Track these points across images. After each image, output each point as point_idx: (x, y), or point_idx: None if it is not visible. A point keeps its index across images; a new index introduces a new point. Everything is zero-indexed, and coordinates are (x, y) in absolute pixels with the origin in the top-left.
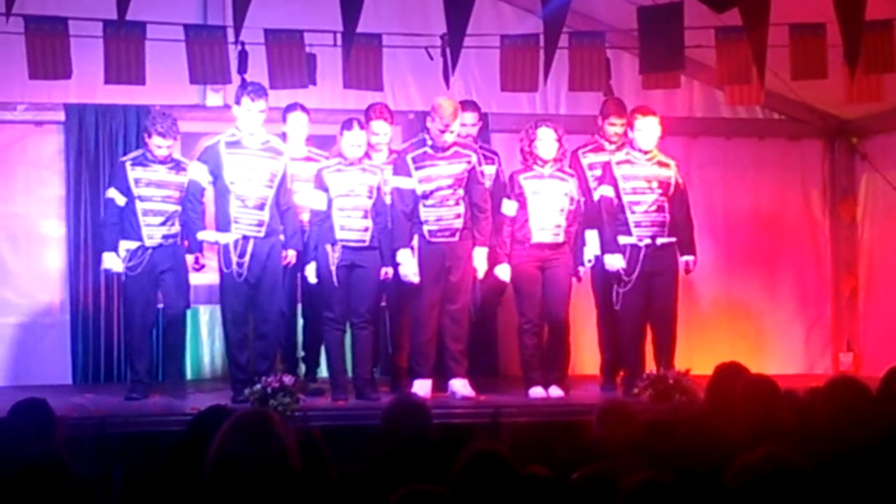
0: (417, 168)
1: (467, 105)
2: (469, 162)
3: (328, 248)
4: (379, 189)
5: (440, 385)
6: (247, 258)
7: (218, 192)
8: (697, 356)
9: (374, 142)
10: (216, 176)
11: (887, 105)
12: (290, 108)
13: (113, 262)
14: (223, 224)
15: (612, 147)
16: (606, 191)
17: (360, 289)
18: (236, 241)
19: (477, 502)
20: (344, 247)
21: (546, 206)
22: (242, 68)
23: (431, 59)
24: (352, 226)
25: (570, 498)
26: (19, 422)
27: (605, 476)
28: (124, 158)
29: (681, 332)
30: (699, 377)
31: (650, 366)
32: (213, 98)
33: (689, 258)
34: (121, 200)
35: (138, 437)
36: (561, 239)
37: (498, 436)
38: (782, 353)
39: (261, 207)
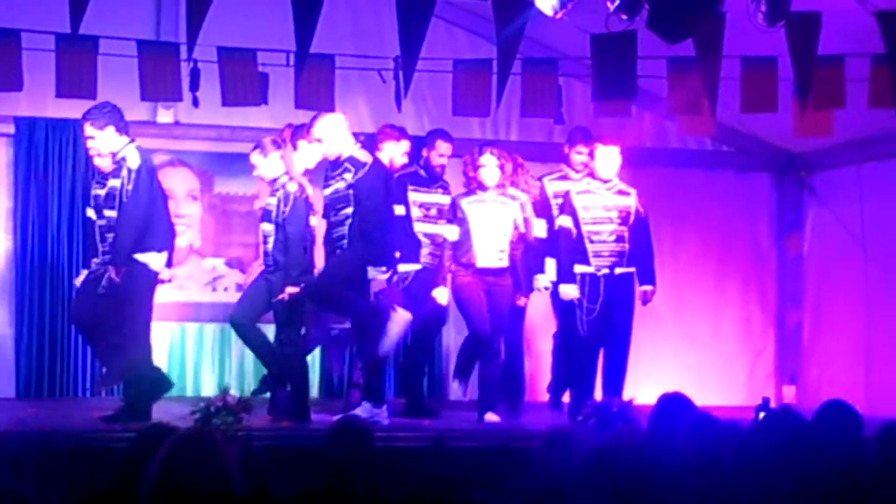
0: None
1: (444, 135)
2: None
3: None
4: None
5: None
6: None
7: None
8: (642, 384)
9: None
10: None
11: (836, 140)
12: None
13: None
14: None
15: (578, 176)
16: (565, 221)
17: None
18: None
19: None
20: None
21: (489, 231)
22: (194, 86)
23: (384, 81)
24: None
25: None
26: None
27: (552, 502)
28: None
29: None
30: (643, 406)
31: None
32: (164, 115)
33: (648, 288)
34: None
35: (82, 452)
36: (505, 264)
37: (441, 460)
38: (726, 383)
39: None
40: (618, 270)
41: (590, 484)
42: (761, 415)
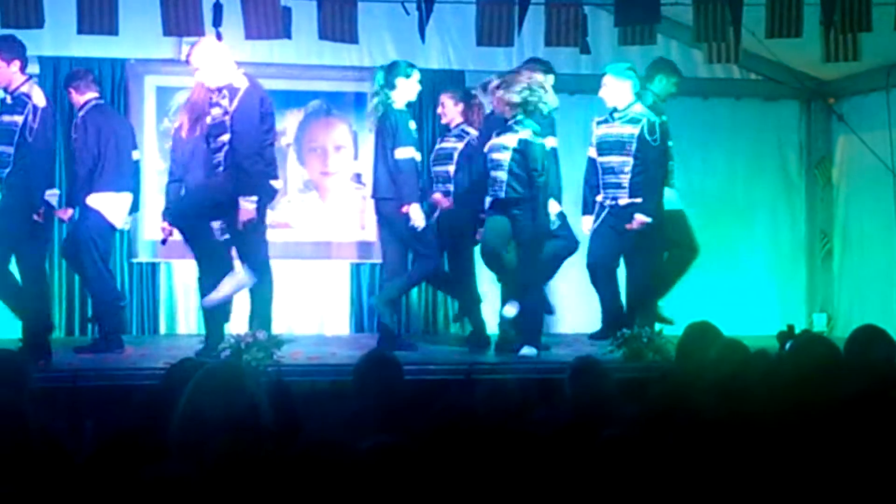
0: None
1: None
2: None
3: None
4: None
5: None
6: None
7: None
8: (671, 314)
9: None
10: None
11: (864, 65)
12: None
13: None
14: None
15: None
16: (591, 152)
17: None
18: None
19: (446, 457)
20: None
21: None
22: (217, 21)
23: (407, 13)
24: None
25: (542, 454)
26: None
27: (578, 433)
28: None
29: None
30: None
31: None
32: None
33: (639, 216)
34: None
35: (110, 390)
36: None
37: (471, 393)
38: (756, 312)
39: None
40: (622, 201)
41: (618, 412)
42: (787, 343)
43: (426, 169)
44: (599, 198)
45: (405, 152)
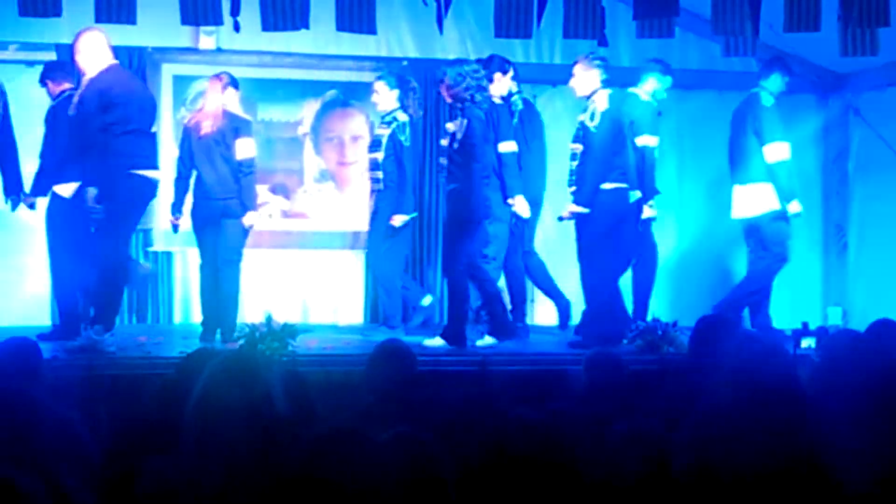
0: None
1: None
2: None
3: None
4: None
5: None
6: None
7: None
8: (689, 309)
9: None
10: None
11: (881, 60)
12: None
13: None
14: None
15: None
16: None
17: None
18: None
19: (462, 447)
20: None
21: None
22: (235, 10)
23: (426, 4)
24: None
25: (557, 444)
26: (4, 362)
27: (592, 425)
28: None
29: (667, 284)
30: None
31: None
32: (206, 41)
33: (571, 206)
34: None
35: (125, 379)
36: None
37: (485, 383)
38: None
39: None
40: (571, 189)
41: (632, 405)
42: (803, 342)
43: None
44: None
45: (508, 146)
